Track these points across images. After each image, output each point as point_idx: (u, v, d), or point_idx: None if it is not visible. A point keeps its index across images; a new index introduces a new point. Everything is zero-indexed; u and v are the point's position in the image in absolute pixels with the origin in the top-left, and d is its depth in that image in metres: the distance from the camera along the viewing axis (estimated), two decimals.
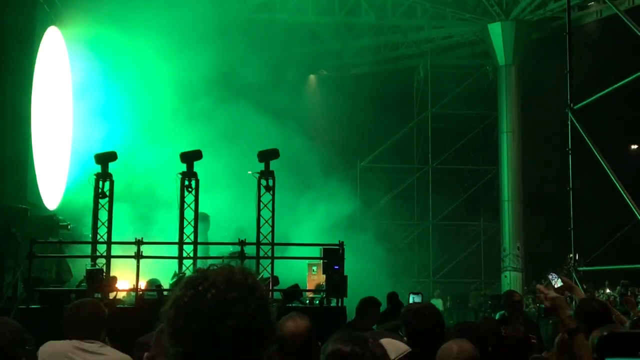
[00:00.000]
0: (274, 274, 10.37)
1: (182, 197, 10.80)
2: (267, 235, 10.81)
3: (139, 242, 9.86)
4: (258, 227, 10.81)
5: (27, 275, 9.44)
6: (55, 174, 14.83)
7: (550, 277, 4.81)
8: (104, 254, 10.33)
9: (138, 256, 9.82)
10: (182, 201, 10.79)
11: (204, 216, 12.26)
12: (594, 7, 21.50)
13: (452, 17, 22.71)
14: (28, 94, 13.19)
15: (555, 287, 4.66)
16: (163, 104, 16.00)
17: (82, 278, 9.74)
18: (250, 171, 11.68)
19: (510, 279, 21.69)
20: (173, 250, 10.65)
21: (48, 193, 14.17)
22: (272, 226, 10.84)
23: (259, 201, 10.91)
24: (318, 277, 11.24)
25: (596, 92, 12.08)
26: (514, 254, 21.92)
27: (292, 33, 22.50)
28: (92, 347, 3.61)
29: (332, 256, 10.37)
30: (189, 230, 10.75)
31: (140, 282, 9.89)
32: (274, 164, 11.13)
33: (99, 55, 15.47)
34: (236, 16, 19.58)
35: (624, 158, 23.77)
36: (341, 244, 10.46)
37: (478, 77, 25.43)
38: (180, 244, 10.58)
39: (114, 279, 9.81)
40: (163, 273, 10.49)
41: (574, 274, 11.31)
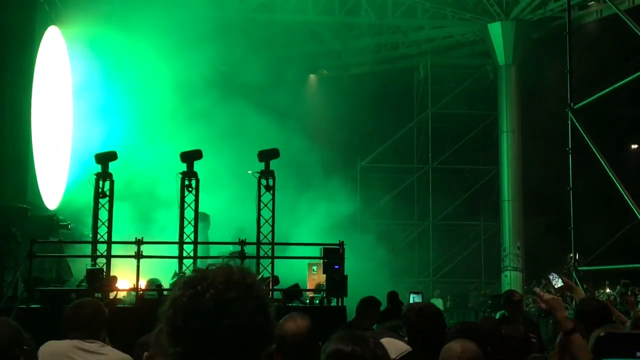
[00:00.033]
0: (274, 274, 10.38)
1: (182, 197, 10.80)
2: (267, 234, 10.81)
3: (139, 242, 9.87)
4: (258, 226, 10.81)
5: (28, 275, 9.46)
6: (55, 173, 14.82)
7: (550, 277, 4.81)
8: (104, 254, 10.35)
9: (138, 256, 9.82)
10: (182, 201, 10.79)
11: (204, 216, 12.26)
12: (594, 7, 21.49)
13: (453, 17, 22.69)
14: (28, 94, 13.19)
15: (555, 287, 4.66)
16: (163, 104, 16.00)
17: (82, 278, 9.76)
18: (251, 171, 11.67)
19: (510, 278, 21.68)
20: (173, 250, 10.66)
21: (48, 193, 14.17)
22: (272, 226, 10.85)
23: (259, 201, 10.91)
24: (318, 277, 11.24)
25: (596, 91, 12.06)
26: (514, 253, 21.91)
27: (292, 33, 22.48)
28: (92, 346, 3.61)
29: (333, 256, 10.37)
30: (189, 229, 10.76)
31: (140, 281, 9.90)
32: (274, 164, 11.13)
33: (99, 55, 15.47)
34: (236, 16, 19.59)
35: (624, 158, 23.76)
36: (341, 244, 10.47)
37: (478, 77, 25.41)
38: (181, 243, 10.59)
39: (114, 278, 9.82)
40: (163, 273, 10.50)
41: (574, 274, 11.30)
